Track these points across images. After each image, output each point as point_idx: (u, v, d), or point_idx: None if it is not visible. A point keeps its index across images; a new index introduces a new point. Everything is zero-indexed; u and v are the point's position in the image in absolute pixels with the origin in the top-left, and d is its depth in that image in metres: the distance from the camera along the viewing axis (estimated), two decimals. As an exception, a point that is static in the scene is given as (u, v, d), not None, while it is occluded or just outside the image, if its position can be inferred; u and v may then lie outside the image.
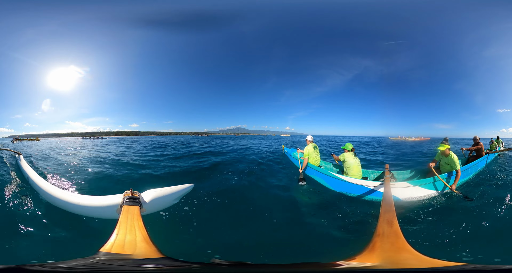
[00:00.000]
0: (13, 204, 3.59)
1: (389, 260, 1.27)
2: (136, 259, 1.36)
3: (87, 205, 2.78)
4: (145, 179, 5.70)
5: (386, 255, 1.33)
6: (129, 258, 1.36)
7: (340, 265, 1.20)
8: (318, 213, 3.62)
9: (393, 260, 1.28)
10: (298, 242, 2.87)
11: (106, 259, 1.29)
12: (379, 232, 1.68)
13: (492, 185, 4.62)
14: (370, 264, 1.20)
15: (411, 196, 3.91)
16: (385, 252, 1.38)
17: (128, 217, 2.00)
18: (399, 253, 1.37)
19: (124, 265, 1.24)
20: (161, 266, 1.24)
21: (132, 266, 1.24)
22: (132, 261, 1.32)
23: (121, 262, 1.28)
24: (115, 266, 1.21)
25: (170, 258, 1.34)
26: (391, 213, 2.05)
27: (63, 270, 1.12)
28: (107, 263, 1.22)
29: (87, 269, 1.15)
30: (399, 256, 1.32)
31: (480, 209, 3.46)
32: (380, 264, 1.20)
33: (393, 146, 18.74)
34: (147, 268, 1.21)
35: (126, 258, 1.35)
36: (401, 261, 1.27)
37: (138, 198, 2.48)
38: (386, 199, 2.73)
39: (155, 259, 1.37)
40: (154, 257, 1.39)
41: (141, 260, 1.34)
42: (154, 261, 1.33)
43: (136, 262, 1.30)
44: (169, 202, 2.97)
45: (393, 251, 1.39)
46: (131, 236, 1.65)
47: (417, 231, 2.93)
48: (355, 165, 5.06)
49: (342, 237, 2.92)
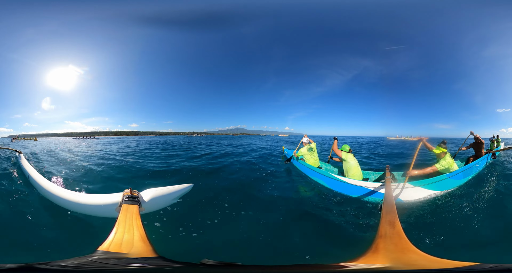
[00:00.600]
0: (13, 202, 3.62)
1: (398, 261, 1.25)
2: (128, 258, 1.36)
3: (86, 203, 2.78)
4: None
5: (392, 256, 1.31)
6: (122, 257, 1.37)
7: (345, 267, 1.17)
8: (318, 214, 3.59)
9: (402, 261, 1.26)
10: (297, 243, 2.84)
11: (102, 257, 1.29)
12: (381, 233, 1.66)
13: (494, 185, 4.60)
14: (379, 265, 1.18)
15: (412, 196, 3.89)
16: (391, 253, 1.36)
17: (127, 216, 2.00)
18: (405, 253, 1.34)
19: (115, 264, 1.25)
20: (146, 265, 1.25)
21: (120, 265, 1.25)
22: (124, 260, 1.32)
23: (114, 261, 1.28)
24: (107, 265, 1.22)
25: (162, 258, 1.35)
26: (393, 214, 2.04)
27: (64, 268, 1.13)
28: (102, 262, 1.23)
29: (84, 267, 1.16)
30: (407, 257, 1.30)
31: (480, 209, 3.44)
32: (390, 265, 1.18)
33: (379, 147, 19.12)
34: (133, 267, 1.21)
35: (119, 257, 1.35)
36: (411, 261, 1.25)
37: (137, 197, 2.49)
38: (387, 200, 2.71)
39: (147, 258, 1.37)
40: (148, 256, 1.40)
41: (133, 259, 1.35)
42: (145, 260, 1.34)
43: (126, 261, 1.30)
44: (168, 202, 2.98)
45: (399, 252, 1.37)
46: (129, 235, 1.65)
47: (420, 232, 2.92)
48: (355, 166, 5.07)
49: (343, 238, 2.90)
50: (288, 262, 1.53)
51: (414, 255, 1.33)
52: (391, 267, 1.17)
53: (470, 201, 3.77)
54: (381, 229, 1.75)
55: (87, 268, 1.15)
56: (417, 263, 1.26)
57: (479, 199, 3.84)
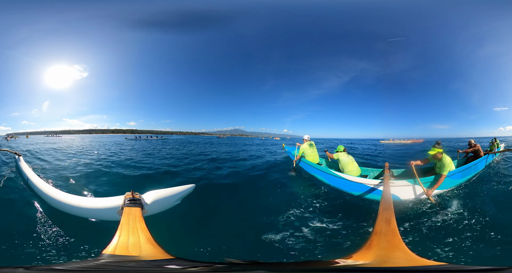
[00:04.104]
0: (12, 205, 3.55)
1: (381, 259, 1.30)
2: (148, 260, 1.34)
3: (87, 207, 2.76)
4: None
5: (380, 253, 1.36)
6: (137, 259, 1.34)
7: (337, 263, 1.22)
8: (317, 211, 3.63)
9: (384, 259, 1.31)
10: (300, 240, 2.88)
11: (113, 261, 1.28)
12: (377, 230, 1.70)
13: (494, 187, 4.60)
14: (362, 262, 1.23)
15: (410, 194, 3.93)
16: (381, 250, 1.41)
17: (129, 219, 2.00)
18: (393, 251, 1.39)
19: (138, 267, 1.23)
20: (185, 266, 1.23)
21: (148, 267, 1.23)
22: (145, 263, 1.30)
23: (133, 264, 1.27)
24: (127, 267, 1.20)
25: (181, 259, 1.33)
26: (390, 212, 2.07)
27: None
28: (116, 265, 1.21)
29: (91, 271, 1.15)
30: (391, 255, 1.35)
31: (478, 210, 3.46)
32: (370, 262, 1.23)
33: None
34: (170, 269, 1.20)
35: (135, 260, 1.33)
36: (392, 259, 1.30)
37: (139, 199, 2.48)
38: (385, 197, 2.75)
39: (169, 260, 1.35)
40: (164, 258, 1.38)
41: (153, 261, 1.33)
42: (169, 261, 1.32)
43: (150, 263, 1.29)
44: (171, 203, 2.96)
45: (388, 249, 1.42)
46: (134, 238, 1.65)
47: (414, 230, 2.96)
48: (349, 161, 5.25)
49: (341, 235, 2.94)
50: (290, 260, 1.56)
51: (399, 253, 1.37)
52: (369, 264, 1.23)
53: (466, 201, 3.79)
54: (377, 226, 1.79)
55: (94, 271, 1.14)
56: (395, 261, 1.31)
57: (475, 199, 3.86)
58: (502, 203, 3.81)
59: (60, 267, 1.15)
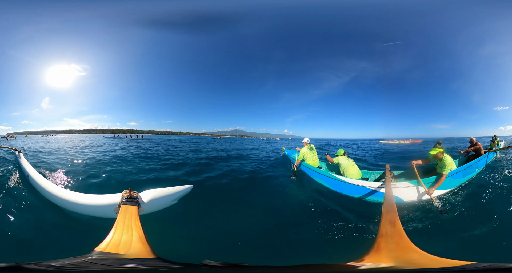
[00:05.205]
0: (13, 202, 3.57)
1: (400, 260, 1.24)
2: (123, 258, 1.34)
3: (85, 203, 2.77)
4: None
5: (394, 255, 1.30)
6: (118, 257, 1.34)
7: (354, 267, 1.16)
8: (318, 215, 3.58)
9: (405, 260, 1.25)
10: (299, 243, 2.83)
11: (97, 258, 1.27)
12: (382, 233, 1.65)
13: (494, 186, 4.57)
14: (385, 265, 1.17)
15: (413, 196, 3.88)
16: (392, 252, 1.35)
17: (125, 217, 1.99)
18: (407, 252, 1.34)
19: (108, 265, 1.22)
20: (140, 266, 1.23)
21: (113, 266, 1.22)
22: (118, 261, 1.30)
23: (108, 262, 1.26)
24: (101, 265, 1.20)
25: (160, 259, 1.32)
26: (393, 213, 2.03)
27: (54, 269, 1.11)
28: (96, 263, 1.20)
29: (77, 268, 1.13)
30: (409, 256, 1.30)
31: (481, 210, 3.42)
32: (395, 264, 1.17)
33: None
34: (127, 267, 1.19)
35: (114, 258, 1.33)
36: (413, 261, 1.25)
37: (136, 197, 2.48)
38: (387, 199, 2.70)
39: (144, 259, 1.35)
40: (146, 257, 1.37)
41: (129, 260, 1.32)
42: (142, 261, 1.32)
43: (120, 262, 1.28)
44: (168, 203, 2.95)
45: (400, 251, 1.36)
46: (128, 236, 1.63)
47: (421, 231, 2.91)
48: (350, 165, 5.23)
49: (344, 238, 2.88)
50: (286, 264, 1.51)
51: (415, 254, 1.32)
52: (396, 267, 1.17)
53: (469, 200, 3.76)
54: (382, 228, 1.74)
55: (79, 268, 1.13)
56: (419, 262, 1.25)
57: (477, 198, 3.82)
58: (506, 199, 3.76)
59: (53, 263, 1.14)
